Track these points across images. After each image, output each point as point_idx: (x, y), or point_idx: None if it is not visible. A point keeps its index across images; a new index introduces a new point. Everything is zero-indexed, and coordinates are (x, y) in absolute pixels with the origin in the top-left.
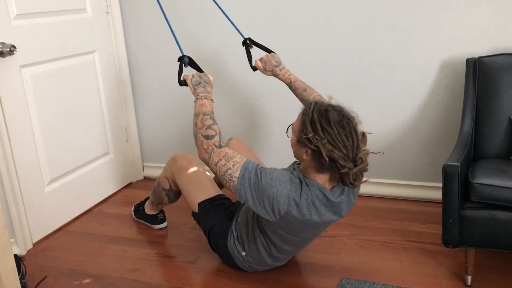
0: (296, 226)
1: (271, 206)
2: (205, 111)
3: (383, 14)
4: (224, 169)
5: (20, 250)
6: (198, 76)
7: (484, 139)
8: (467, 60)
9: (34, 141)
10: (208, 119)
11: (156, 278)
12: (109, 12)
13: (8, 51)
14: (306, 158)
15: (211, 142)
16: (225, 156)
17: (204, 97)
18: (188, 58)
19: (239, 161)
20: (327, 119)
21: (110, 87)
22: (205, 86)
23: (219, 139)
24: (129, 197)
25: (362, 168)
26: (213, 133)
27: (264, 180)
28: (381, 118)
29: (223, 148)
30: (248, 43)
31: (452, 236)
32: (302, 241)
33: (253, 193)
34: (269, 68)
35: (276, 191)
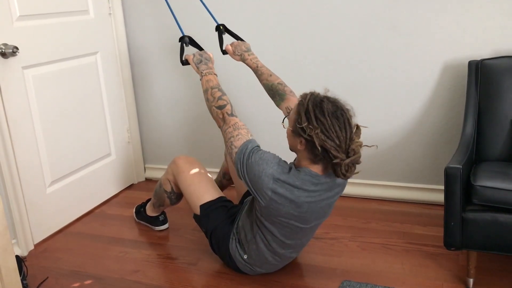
0: (288, 208)
1: (258, 184)
2: (212, 85)
3: (385, 16)
4: (229, 136)
5: (21, 251)
6: (199, 54)
7: (486, 142)
8: (469, 62)
9: (36, 142)
10: (217, 92)
11: (157, 280)
12: (112, 14)
13: (11, 52)
14: (300, 148)
15: (224, 111)
16: (234, 125)
17: (208, 73)
18: (188, 37)
19: (244, 134)
20: (322, 109)
21: (112, 89)
22: (206, 63)
23: (231, 108)
24: (131, 199)
25: (355, 160)
26: (224, 102)
27: (253, 158)
28: (383, 120)
29: (234, 118)
30: (221, 29)
31: (454, 238)
32: (301, 232)
33: (244, 170)
34: (238, 53)
35: (262, 169)
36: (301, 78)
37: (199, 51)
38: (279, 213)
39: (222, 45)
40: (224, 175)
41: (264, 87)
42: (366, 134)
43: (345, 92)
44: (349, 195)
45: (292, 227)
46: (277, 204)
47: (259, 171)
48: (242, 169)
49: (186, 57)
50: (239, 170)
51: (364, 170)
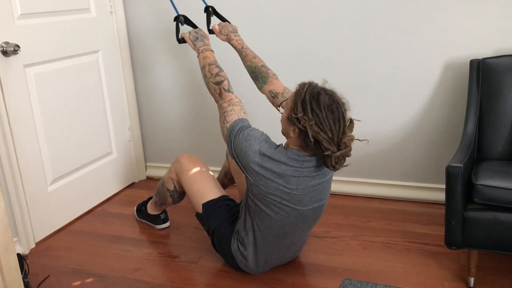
0: (276, 184)
1: (245, 159)
2: (209, 62)
3: (387, 14)
4: (223, 111)
5: (23, 249)
6: (195, 32)
7: (487, 141)
8: (470, 61)
9: (38, 141)
10: (215, 68)
11: (158, 278)
12: (113, 12)
13: (12, 51)
14: (293, 136)
15: (221, 86)
16: (229, 101)
17: (204, 49)
18: (183, 16)
19: (237, 110)
20: (318, 101)
21: (113, 87)
22: (202, 39)
23: (228, 83)
24: (132, 197)
25: (345, 153)
26: (222, 78)
27: (242, 135)
28: (384, 119)
29: (230, 94)
30: (210, 11)
31: (455, 237)
32: (299, 217)
33: (232, 146)
34: (224, 33)
35: (249, 145)
36: (302, 77)
37: (194, 29)
38: (269, 190)
39: (209, 25)
40: (225, 174)
41: (247, 69)
42: (367, 133)
43: (346, 90)
44: (350, 194)
45: (287, 210)
46: (266, 180)
47: (246, 147)
48: (231, 145)
49: (182, 35)
50: (228, 146)
51: (366, 169)
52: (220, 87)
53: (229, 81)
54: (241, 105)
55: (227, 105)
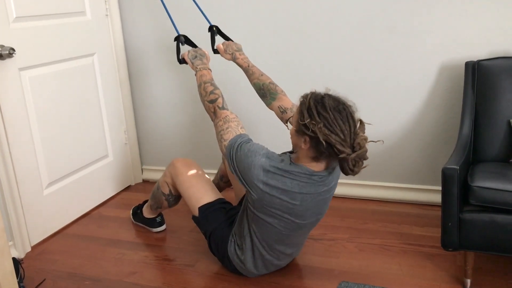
0: (281, 200)
1: (247, 178)
2: (205, 80)
3: (382, 17)
4: (219, 129)
5: (18, 253)
6: (194, 51)
7: (483, 142)
8: (466, 63)
9: (33, 144)
10: (209, 86)
11: (154, 281)
12: (108, 15)
13: (7, 54)
14: (304, 147)
15: (215, 104)
16: (224, 118)
17: (202, 68)
18: (183, 36)
19: (234, 127)
20: (323, 105)
21: (109, 90)
22: (201, 58)
23: (222, 101)
24: (128, 200)
25: (361, 154)
26: (216, 96)
27: (242, 151)
28: (380, 121)
29: (225, 111)
30: (214, 30)
31: (452, 239)
32: (297, 228)
33: (234, 164)
34: (229, 52)
35: (251, 161)
36: (298, 79)
37: (194, 48)
38: (272, 204)
39: (213, 44)
40: (221, 177)
41: (255, 87)
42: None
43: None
44: (346, 196)
45: (287, 221)
46: (270, 196)
47: (248, 164)
48: (233, 162)
49: (182, 55)
50: (229, 164)
51: (362, 171)
52: (214, 105)
53: (223, 99)
54: (238, 120)
55: (222, 123)
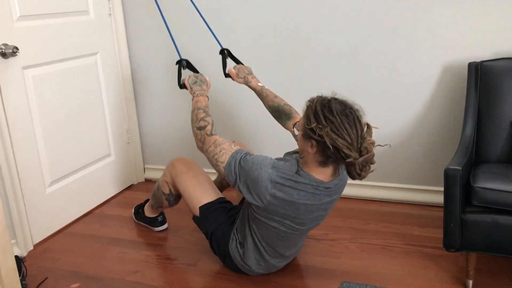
0: (285, 210)
1: (256, 190)
2: (199, 106)
3: (385, 18)
4: (212, 154)
5: (21, 251)
6: (195, 76)
7: (485, 143)
8: (469, 64)
9: (36, 143)
10: (201, 113)
11: (156, 280)
12: (112, 15)
13: (11, 53)
14: (311, 152)
15: (203, 132)
16: (214, 143)
17: (199, 94)
18: (185, 61)
19: (226, 148)
20: (330, 108)
21: (112, 89)
22: (200, 84)
23: (211, 128)
24: (130, 199)
25: (368, 158)
26: (205, 123)
27: (246, 165)
28: (383, 122)
29: (213, 136)
30: (225, 53)
31: (454, 240)
32: (296, 232)
33: (238, 180)
34: (241, 76)
35: (257, 175)
36: (301, 80)
37: (195, 73)
38: (276, 213)
39: (225, 69)
40: (223, 178)
41: (269, 109)
42: None
43: (344, 94)
44: (349, 196)
45: (289, 226)
46: (275, 207)
47: (255, 177)
48: (236, 180)
49: (183, 80)
50: (233, 182)
51: None
52: (201, 132)
53: (213, 126)
54: (229, 141)
55: (213, 148)
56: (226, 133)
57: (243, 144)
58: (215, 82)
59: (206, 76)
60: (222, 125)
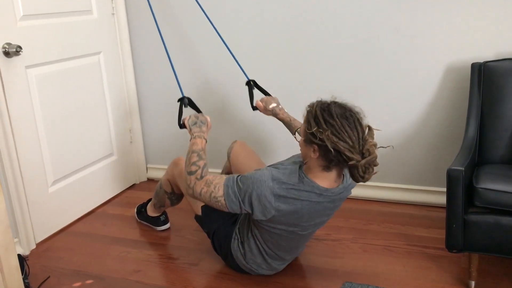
0: (288, 219)
1: (260, 207)
2: (194, 149)
3: (388, 18)
4: (208, 194)
5: (23, 250)
6: (195, 116)
7: (488, 144)
8: (472, 64)
9: (39, 142)
10: (195, 156)
11: (158, 280)
12: (115, 14)
13: (14, 52)
14: (314, 156)
15: (193, 177)
16: (206, 182)
17: (197, 136)
18: (187, 99)
19: (219, 181)
20: (330, 112)
21: (115, 89)
22: (200, 126)
23: (201, 171)
24: (133, 199)
25: (371, 160)
26: (196, 168)
27: (246, 185)
28: (386, 122)
29: (204, 177)
30: (252, 85)
31: (456, 241)
32: (298, 236)
33: (242, 203)
34: (269, 108)
35: (260, 192)
36: (304, 80)
37: (196, 114)
38: (278, 222)
39: (252, 101)
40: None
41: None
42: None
43: (347, 94)
44: (351, 196)
45: (290, 232)
46: (279, 217)
47: (257, 195)
48: (241, 205)
49: (183, 119)
50: (238, 209)
51: None
52: (192, 177)
53: (204, 168)
54: (219, 175)
55: (207, 188)
56: (227, 133)
57: (245, 144)
58: (218, 82)
59: (207, 116)
60: (224, 125)
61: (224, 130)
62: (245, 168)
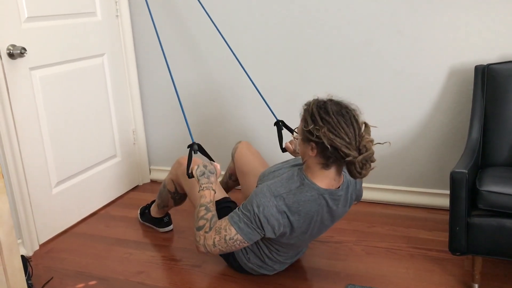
0: (304, 224)
1: (269, 227)
2: (202, 202)
3: (392, 20)
4: (222, 240)
5: (27, 251)
6: (203, 166)
7: (492, 146)
8: (475, 67)
9: (43, 143)
10: (202, 210)
11: (161, 281)
12: (119, 16)
13: (19, 53)
14: (312, 154)
15: (202, 232)
16: (215, 232)
17: (206, 187)
18: (197, 145)
19: (226, 223)
20: (326, 109)
21: (118, 90)
22: (208, 176)
23: (209, 224)
24: (136, 200)
25: (368, 156)
26: (203, 222)
27: (252, 211)
28: (389, 124)
29: (213, 228)
30: (280, 125)
31: (459, 243)
32: (302, 240)
33: (259, 229)
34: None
35: (266, 213)
36: (306, 83)
37: (204, 163)
38: (284, 232)
39: (281, 143)
40: (230, 176)
41: None
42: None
43: (350, 96)
44: None
45: (294, 237)
46: (284, 228)
47: (265, 216)
48: (259, 231)
49: (191, 169)
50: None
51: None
52: (200, 233)
53: (211, 220)
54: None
55: (218, 235)
56: (228, 133)
57: (250, 144)
58: (223, 82)
59: (216, 164)
60: (228, 126)
61: (228, 131)
62: (249, 168)
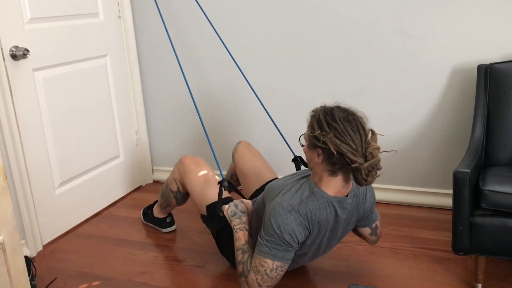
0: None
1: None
2: (237, 245)
3: (395, 19)
4: (265, 276)
5: (30, 252)
6: (234, 205)
7: (495, 146)
8: (478, 66)
9: (46, 144)
10: (240, 254)
11: (164, 282)
12: (121, 17)
13: (21, 55)
14: (318, 161)
15: (243, 279)
16: (254, 272)
17: (239, 229)
18: (227, 182)
19: (257, 259)
20: (333, 116)
21: (121, 91)
22: (240, 217)
23: (247, 267)
24: (139, 201)
25: (374, 163)
26: (242, 267)
27: (276, 234)
28: (391, 124)
29: (250, 271)
30: (299, 161)
31: (462, 243)
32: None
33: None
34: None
35: (290, 229)
36: (309, 83)
37: (235, 202)
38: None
39: None
40: (231, 176)
41: None
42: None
43: (353, 96)
44: None
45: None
46: (305, 237)
47: (289, 234)
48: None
49: (222, 208)
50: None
51: None
52: (242, 279)
53: (247, 262)
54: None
55: (259, 275)
56: (229, 134)
57: (250, 144)
58: (224, 83)
59: (247, 201)
60: (229, 126)
61: (229, 131)
62: (249, 168)
